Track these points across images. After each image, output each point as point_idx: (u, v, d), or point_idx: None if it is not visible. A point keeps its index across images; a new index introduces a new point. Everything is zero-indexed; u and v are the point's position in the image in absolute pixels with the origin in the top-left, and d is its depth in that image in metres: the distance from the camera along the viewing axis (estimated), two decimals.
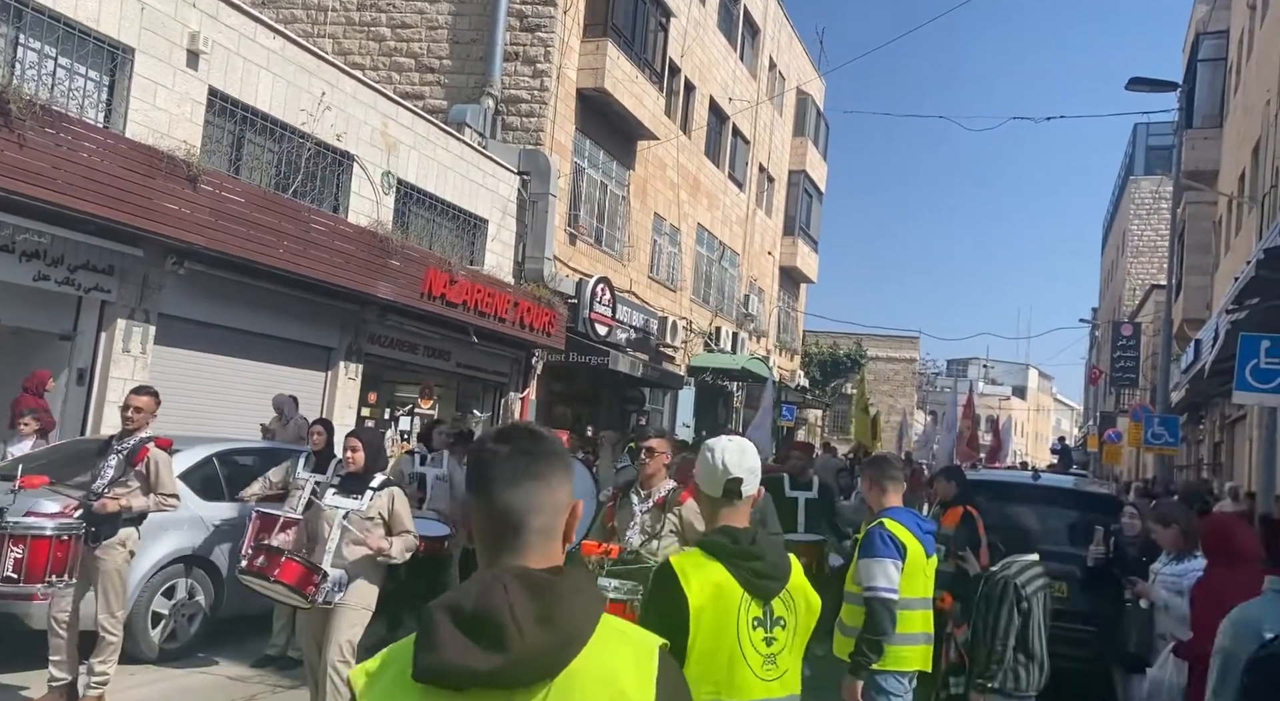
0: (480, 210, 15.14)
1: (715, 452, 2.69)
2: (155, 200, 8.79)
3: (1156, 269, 33.27)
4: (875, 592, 4.09)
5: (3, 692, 5.55)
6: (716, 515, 2.65)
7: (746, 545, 2.52)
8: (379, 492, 5.04)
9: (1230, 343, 9.84)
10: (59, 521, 5.17)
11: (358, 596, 4.95)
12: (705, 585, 2.43)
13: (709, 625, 2.40)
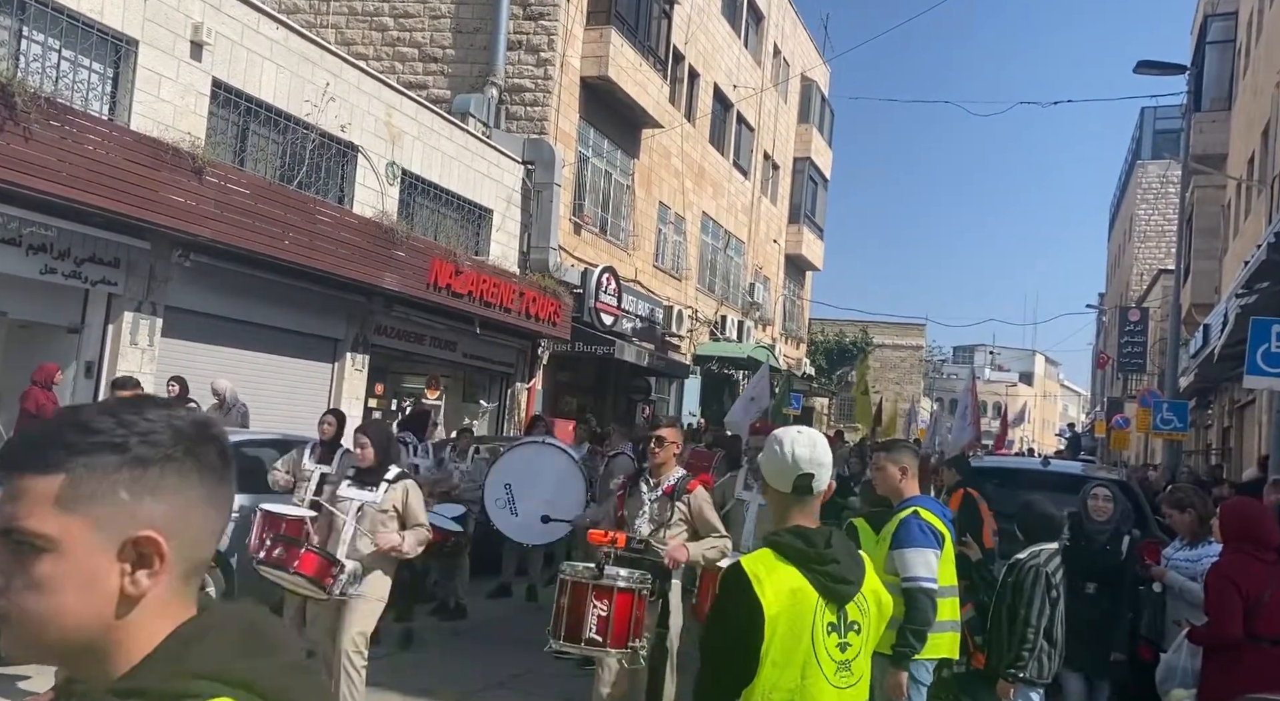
0: (485, 200, 15.10)
1: (784, 445, 2.49)
2: (160, 192, 8.78)
3: (1164, 254, 33.12)
4: (918, 583, 4.07)
5: (5, 683, 5.55)
6: (787, 513, 2.48)
7: (821, 547, 2.38)
8: (393, 486, 5.03)
9: (1240, 327, 9.80)
10: None
11: (372, 588, 4.94)
12: (780, 591, 2.30)
13: (784, 632, 2.29)
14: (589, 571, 4.15)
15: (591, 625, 4.05)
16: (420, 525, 5.08)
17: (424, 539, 5.11)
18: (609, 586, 4.10)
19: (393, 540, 4.92)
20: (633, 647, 4.14)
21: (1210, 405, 20.65)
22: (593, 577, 4.12)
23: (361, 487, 5.05)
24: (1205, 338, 14.33)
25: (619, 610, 4.09)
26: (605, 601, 4.09)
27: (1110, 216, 48.63)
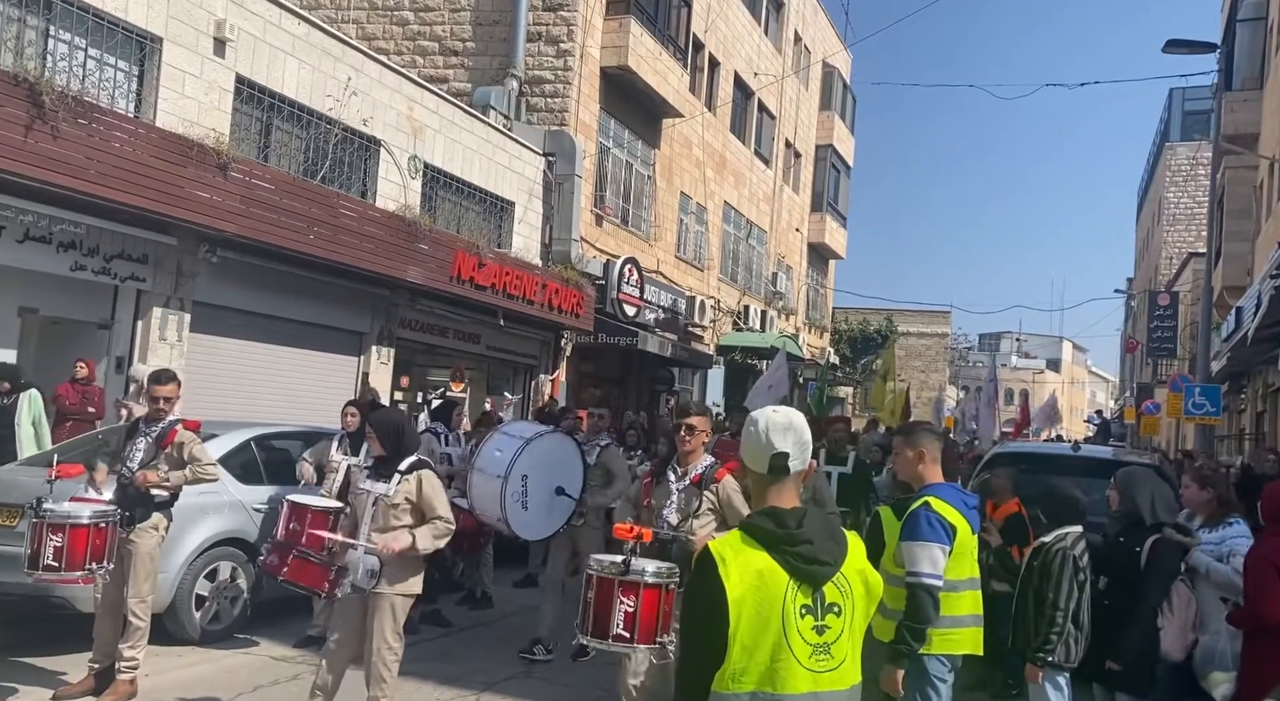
0: (506, 193, 15.13)
1: (759, 425, 2.48)
2: (186, 188, 8.86)
3: (1194, 237, 32.63)
4: (919, 579, 3.94)
5: (41, 675, 5.63)
6: (763, 493, 2.45)
7: (793, 528, 2.32)
8: (406, 476, 4.80)
9: (1274, 308, 9.65)
10: (95, 509, 5.18)
11: (396, 583, 4.75)
12: (745, 573, 2.26)
13: (750, 615, 2.25)
14: (615, 566, 4.02)
15: (619, 621, 3.96)
16: (438, 517, 4.83)
17: (443, 531, 4.83)
18: (635, 582, 3.99)
19: (399, 543, 4.65)
20: (661, 643, 4.06)
21: (1243, 390, 20.34)
22: (619, 572, 4.00)
23: (377, 479, 4.88)
24: (1238, 321, 14.11)
25: (646, 605, 3.98)
26: (632, 597, 3.98)
27: (1138, 200, 47.97)
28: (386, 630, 4.73)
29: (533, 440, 6.27)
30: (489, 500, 6.24)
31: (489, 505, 6.26)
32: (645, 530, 4.36)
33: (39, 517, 4.99)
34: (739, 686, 2.26)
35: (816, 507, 2.54)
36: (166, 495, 5.52)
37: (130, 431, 5.70)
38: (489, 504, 6.27)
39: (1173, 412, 16.33)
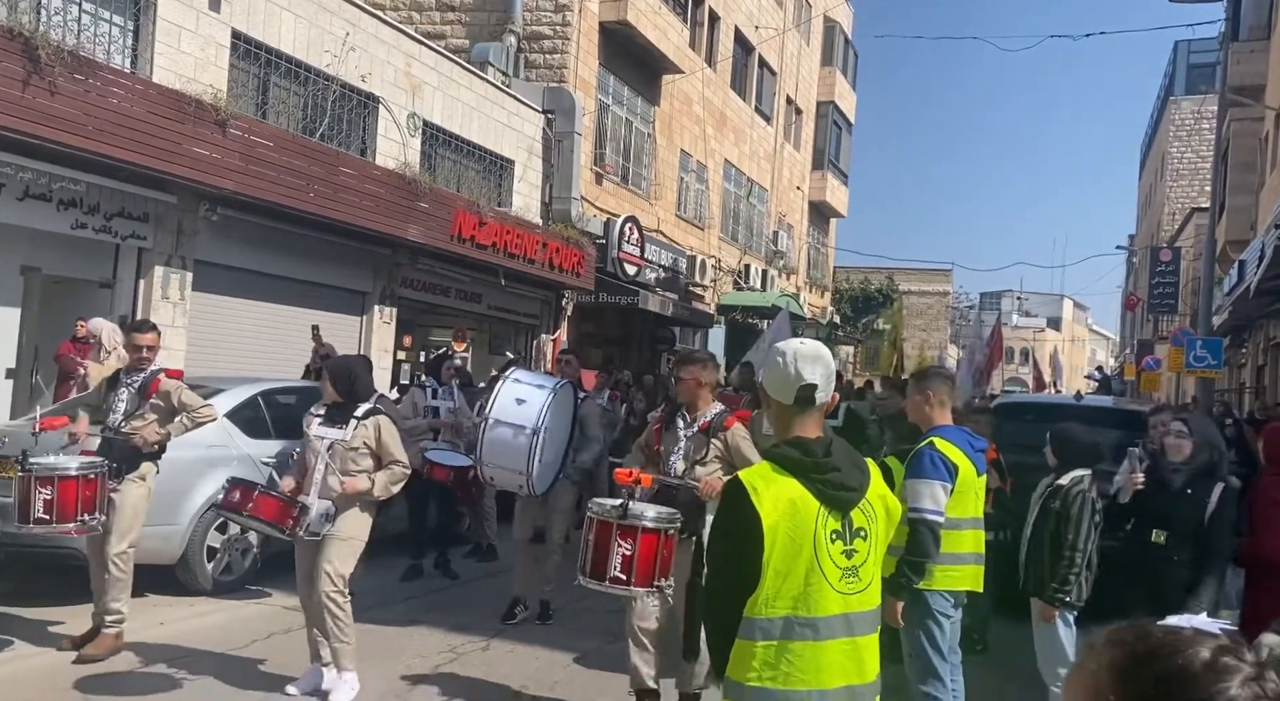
0: (506, 151, 15.02)
1: (786, 356, 2.50)
2: (185, 145, 8.80)
3: (1197, 192, 32.44)
4: (921, 514, 4.01)
5: (42, 628, 5.64)
6: (789, 424, 2.48)
7: (820, 456, 2.38)
8: (363, 422, 4.84)
9: (1279, 259, 9.62)
10: (82, 460, 5.12)
11: (347, 527, 4.82)
12: (779, 501, 2.31)
13: (784, 542, 2.30)
14: (614, 510, 4.06)
15: (616, 564, 4.00)
16: (395, 462, 4.89)
17: (399, 477, 4.92)
18: (634, 526, 4.03)
19: (358, 485, 4.75)
20: (658, 586, 4.09)
21: (1244, 344, 20.36)
22: (617, 516, 4.05)
23: (331, 425, 4.87)
24: (1240, 274, 14.08)
25: (644, 549, 4.02)
26: (630, 540, 4.01)
27: (1141, 156, 47.61)
28: (334, 573, 4.74)
29: (557, 390, 5.90)
30: (515, 454, 5.72)
31: (514, 459, 5.74)
32: (645, 475, 4.37)
33: (25, 471, 4.94)
34: (772, 611, 2.33)
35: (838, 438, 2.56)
36: (155, 447, 5.45)
37: (111, 382, 5.61)
38: (514, 458, 5.74)
39: (1174, 366, 16.37)
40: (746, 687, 2.33)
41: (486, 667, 5.63)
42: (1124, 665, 0.98)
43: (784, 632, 2.32)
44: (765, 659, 2.32)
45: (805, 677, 2.32)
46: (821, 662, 2.34)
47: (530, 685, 5.37)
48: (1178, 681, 0.94)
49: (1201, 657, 0.95)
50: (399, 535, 8.00)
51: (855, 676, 2.40)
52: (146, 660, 5.26)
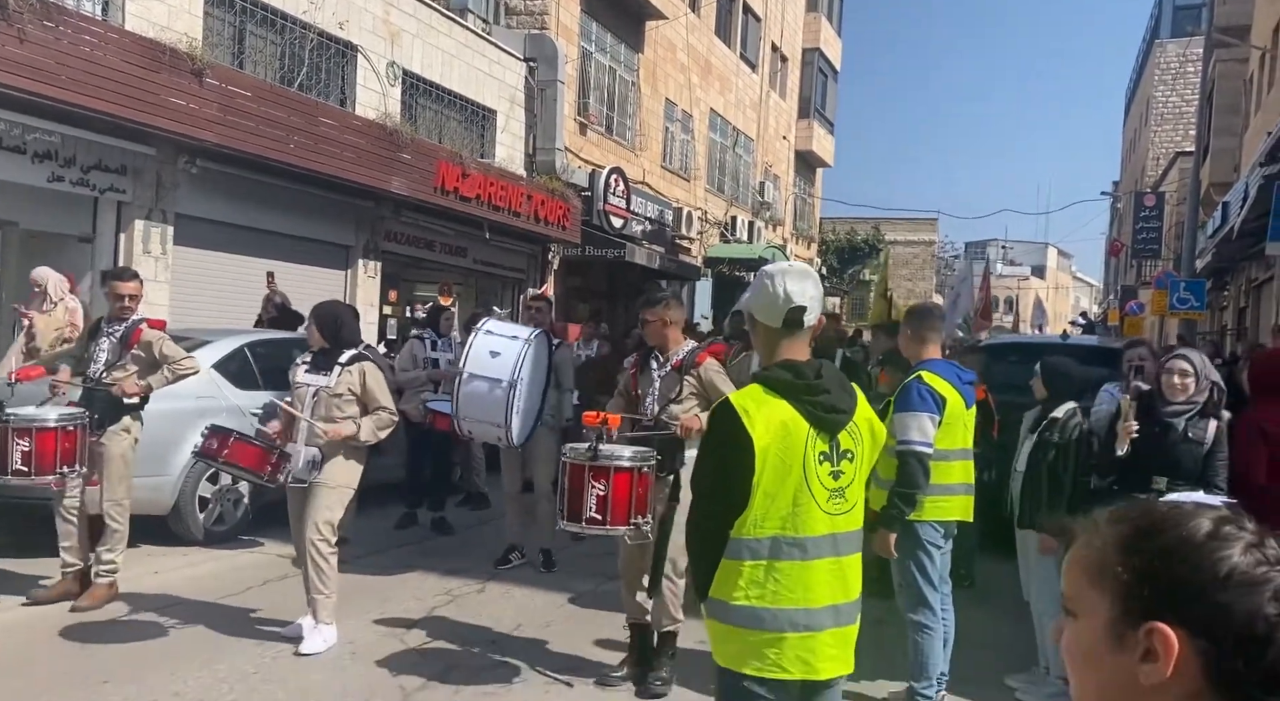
0: (488, 101, 14.81)
1: (775, 279, 2.48)
2: (161, 96, 8.63)
3: (1181, 136, 32.38)
4: (909, 446, 4.06)
5: (19, 580, 5.62)
6: (776, 348, 2.47)
7: (811, 378, 2.38)
8: (348, 369, 4.81)
9: (1262, 199, 9.65)
10: (61, 412, 5.03)
11: (335, 475, 4.79)
12: (770, 423, 2.31)
13: (775, 463, 2.31)
14: (586, 452, 4.09)
15: (591, 504, 4.03)
16: (382, 408, 4.85)
17: (386, 423, 4.88)
18: (605, 466, 4.06)
19: (342, 431, 4.70)
20: (635, 524, 4.09)
21: (1226, 287, 20.50)
22: (589, 458, 4.07)
23: (316, 372, 4.83)
24: (1224, 216, 14.12)
25: (618, 489, 4.05)
26: (603, 481, 4.05)
27: (1126, 101, 47.43)
28: (320, 521, 4.73)
29: (531, 341, 5.78)
30: (491, 408, 5.64)
31: (490, 412, 5.66)
32: (612, 416, 4.34)
33: (2, 423, 4.87)
34: (760, 531, 2.34)
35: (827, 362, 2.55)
36: (139, 398, 5.37)
37: (92, 332, 5.52)
38: (491, 411, 5.67)
39: (1157, 310, 16.48)
40: (732, 606, 2.35)
41: (481, 609, 5.70)
42: (1129, 539, 0.99)
43: (772, 552, 2.35)
44: (753, 578, 2.34)
45: (793, 596, 2.35)
46: (809, 581, 2.37)
47: (525, 624, 5.44)
48: (1181, 551, 0.95)
49: (1204, 527, 0.96)
50: (394, 483, 8.03)
51: (840, 594, 2.43)
52: (141, 608, 5.29)
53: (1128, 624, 0.96)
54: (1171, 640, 0.93)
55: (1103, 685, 1.00)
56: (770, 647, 2.33)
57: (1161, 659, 0.93)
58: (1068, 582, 1.05)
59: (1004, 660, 5.04)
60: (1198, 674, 0.92)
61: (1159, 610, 0.94)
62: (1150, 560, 0.96)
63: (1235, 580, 0.92)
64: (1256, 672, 0.90)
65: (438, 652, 4.88)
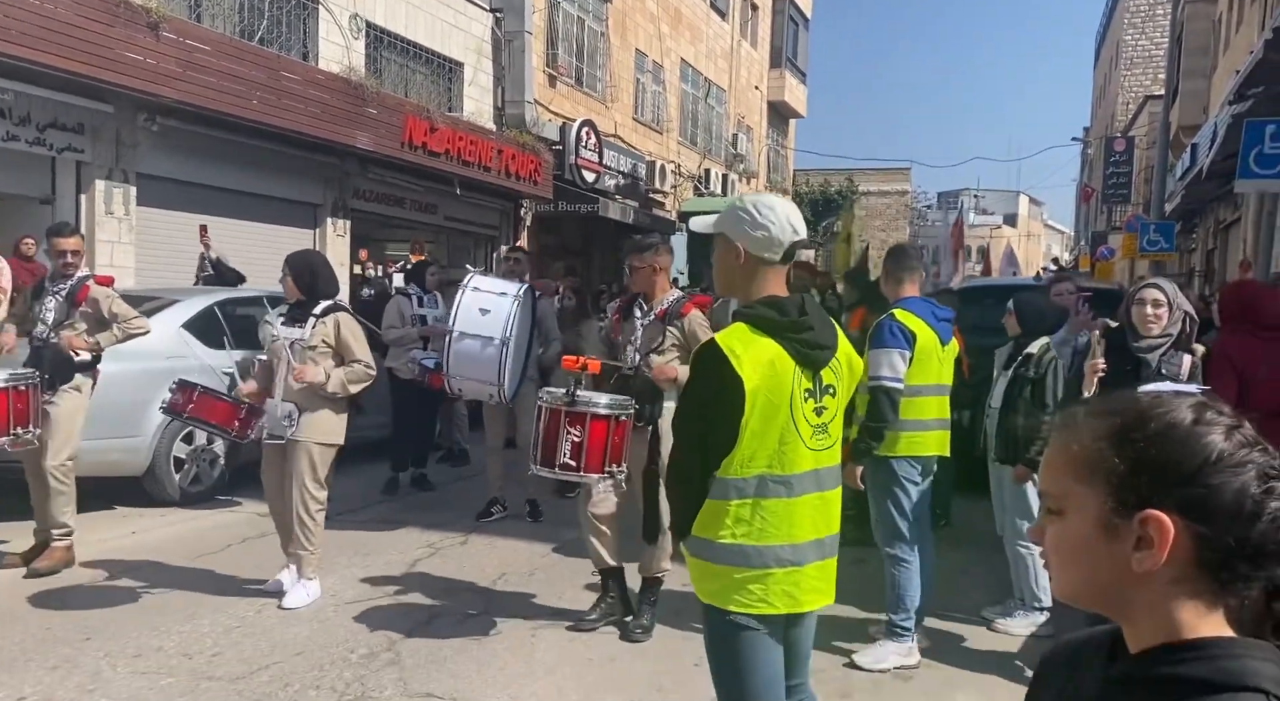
0: (454, 53, 14.53)
1: (777, 210, 2.41)
2: (117, 50, 8.39)
3: (1150, 80, 32.43)
4: (879, 381, 4.11)
5: None
6: (762, 283, 2.41)
7: (795, 315, 2.36)
8: (322, 320, 4.71)
9: (1231, 139, 9.71)
10: (9, 373, 4.88)
11: (315, 430, 4.70)
12: (758, 363, 2.28)
13: (764, 404, 2.29)
14: (563, 397, 4.01)
15: (565, 451, 3.96)
16: (357, 361, 4.74)
17: (361, 377, 4.75)
18: (582, 412, 3.98)
19: (312, 375, 4.60)
20: (609, 472, 4.03)
21: (1195, 229, 20.70)
22: (566, 403, 3.99)
23: (291, 325, 4.73)
24: (1193, 157, 14.21)
25: (593, 436, 3.97)
26: (578, 427, 3.97)
27: (1096, 45, 47.36)
28: (306, 478, 4.67)
29: (520, 297, 5.72)
30: (484, 366, 5.58)
31: (483, 370, 5.63)
32: (592, 361, 4.27)
33: None
34: (747, 471, 2.34)
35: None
36: (89, 356, 5.26)
37: (36, 291, 5.38)
38: (483, 370, 5.61)
39: (1127, 252, 16.64)
40: (718, 544, 2.35)
41: (465, 560, 5.72)
42: (1120, 430, 1.00)
43: (758, 491, 2.34)
44: (739, 516, 2.34)
45: (778, 532, 2.36)
46: (794, 517, 2.38)
47: (509, 573, 5.47)
48: (1172, 438, 0.97)
49: (1188, 415, 0.98)
50: (378, 442, 8.00)
51: (824, 528, 2.45)
52: (121, 568, 5.26)
53: (1121, 515, 0.97)
54: (1167, 526, 0.94)
55: (1092, 577, 1.01)
56: (756, 584, 2.35)
57: (1157, 545, 0.95)
58: (1050, 482, 1.06)
59: (981, 593, 5.14)
60: (1186, 556, 0.95)
61: (1152, 498, 0.96)
62: (1142, 449, 0.97)
63: (1224, 462, 0.94)
64: (1245, 548, 0.93)
65: (422, 603, 4.90)
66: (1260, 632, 0.95)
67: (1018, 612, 4.80)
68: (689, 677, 4.02)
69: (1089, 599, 1.03)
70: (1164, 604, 0.96)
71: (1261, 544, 0.93)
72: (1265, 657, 0.91)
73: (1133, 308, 4.04)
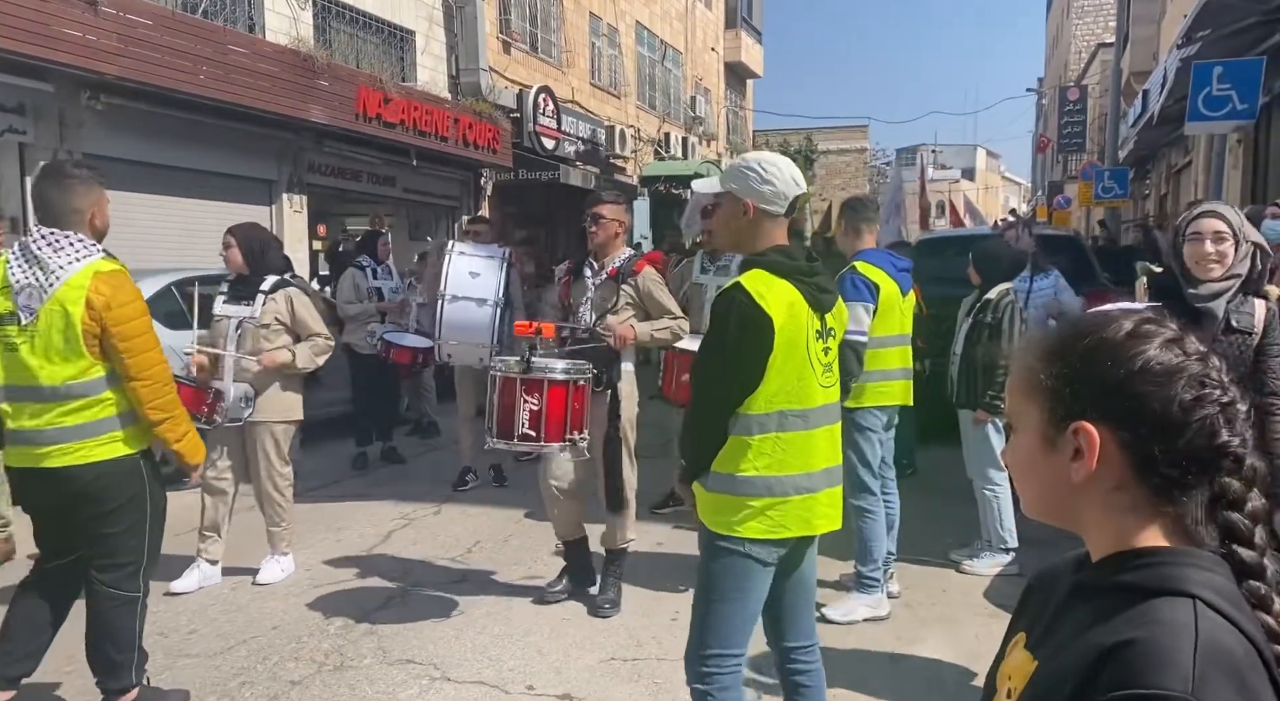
0: (405, 21, 14.26)
1: (780, 165, 2.59)
2: (53, 26, 8.13)
3: (1102, 29, 32.63)
4: (846, 335, 4.15)
5: None
6: (768, 235, 2.59)
7: (805, 261, 2.55)
8: (272, 296, 4.56)
9: (1180, 83, 9.81)
10: None
11: (273, 409, 4.61)
12: (781, 303, 2.46)
13: (785, 342, 2.47)
14: (518, 365, 3.87)
15: (523, 420, 3.81)
16: (316, 335, 4.65)
17: (323, 349, 4.69)
18: (539, 379, 3.83)
19: (279, 357, 4.53)
20: (571, 440, 3.91)
21: (1148, 175, 20.99)
22: (521, 371, 3.84)
23: (237, 302, 4.56)
24: (1144, 103, 14.36)
25: (552, 403, 3.84)
26: (536, 395, 3.82)
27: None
28: (272, 456, 4.60)
29: (505, 258, 5.48)
30: (479, 328, 5.38)
31: (477, 333, 5.39)
32: (546, 325, 4.19)
33: None
34: (770, 406, 2.50)
35: None
36: None
37: None
38: (477, 332, 5.40)
39: (1084, 200, 16.84)
40: (739, 477, 2.50)
41: (439, 530, 5.74)
42: (1054, 346, 1.03)
43: (779, 425, 2.51)
44: (760, 450, 2.50)
45: (796, 462, 2.53)
46: (811, 448, 2.56)
47: (483, 541, 5.50)
48: (1101, 351, 0.99)
49: (1124, 328, 1.00)
50: (341, 419, 7.96)
51: (832, 458, 2.65)
52: None
53: (1056, 428, 1.01)
54: (1094, 436, 0.98)
55: (1043, 489, 1.05)
56: (774, 510, 2.51)
57: (1086, 455, 0.98)
58: (1009, 402, 1.10)
59: (948, 537, 5.25)
60: (1123, 464, 0.98)
61: (1082, 410, 0.99)
62: (1072, 363, 1.01)
63: (1152, 371, 0.97)
64: (1174, 455, 0.96)
65: (398, 573, 4.92)
66: (1211, 541, 0.97)
67: (984, 554, 4.92)
68: (666, 632, 4.10)
69: (1046, 512, 1.07)
70: (1107, 514, 1.00)
71: (1191, 451, 0.95)
72: (1202, 565, 0.94)
73: (1186, 244, 3.05)
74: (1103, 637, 0.91)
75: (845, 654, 3.88)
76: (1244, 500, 0.96)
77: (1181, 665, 0.84)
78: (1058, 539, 1.12)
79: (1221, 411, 0.96)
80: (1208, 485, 0.97)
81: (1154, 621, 0.89)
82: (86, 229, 3.17)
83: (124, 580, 3.24)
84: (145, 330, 3.18)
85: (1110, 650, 0.89)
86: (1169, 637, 0.87)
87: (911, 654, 3.94)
